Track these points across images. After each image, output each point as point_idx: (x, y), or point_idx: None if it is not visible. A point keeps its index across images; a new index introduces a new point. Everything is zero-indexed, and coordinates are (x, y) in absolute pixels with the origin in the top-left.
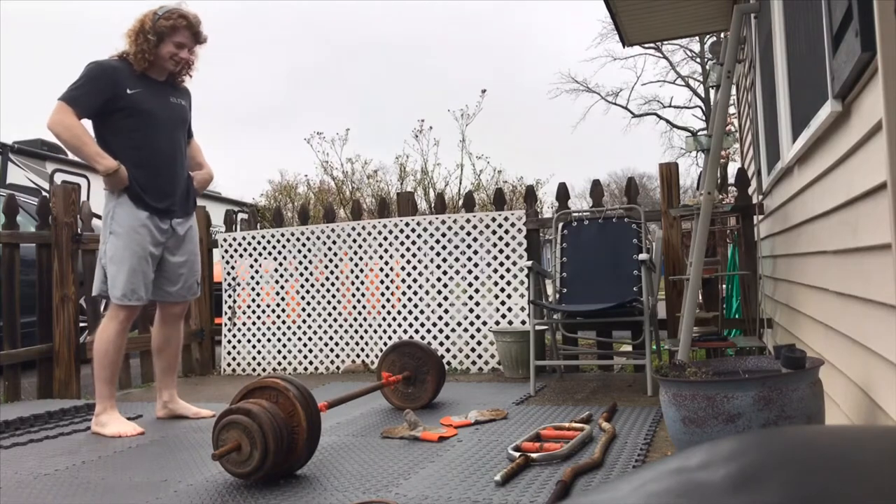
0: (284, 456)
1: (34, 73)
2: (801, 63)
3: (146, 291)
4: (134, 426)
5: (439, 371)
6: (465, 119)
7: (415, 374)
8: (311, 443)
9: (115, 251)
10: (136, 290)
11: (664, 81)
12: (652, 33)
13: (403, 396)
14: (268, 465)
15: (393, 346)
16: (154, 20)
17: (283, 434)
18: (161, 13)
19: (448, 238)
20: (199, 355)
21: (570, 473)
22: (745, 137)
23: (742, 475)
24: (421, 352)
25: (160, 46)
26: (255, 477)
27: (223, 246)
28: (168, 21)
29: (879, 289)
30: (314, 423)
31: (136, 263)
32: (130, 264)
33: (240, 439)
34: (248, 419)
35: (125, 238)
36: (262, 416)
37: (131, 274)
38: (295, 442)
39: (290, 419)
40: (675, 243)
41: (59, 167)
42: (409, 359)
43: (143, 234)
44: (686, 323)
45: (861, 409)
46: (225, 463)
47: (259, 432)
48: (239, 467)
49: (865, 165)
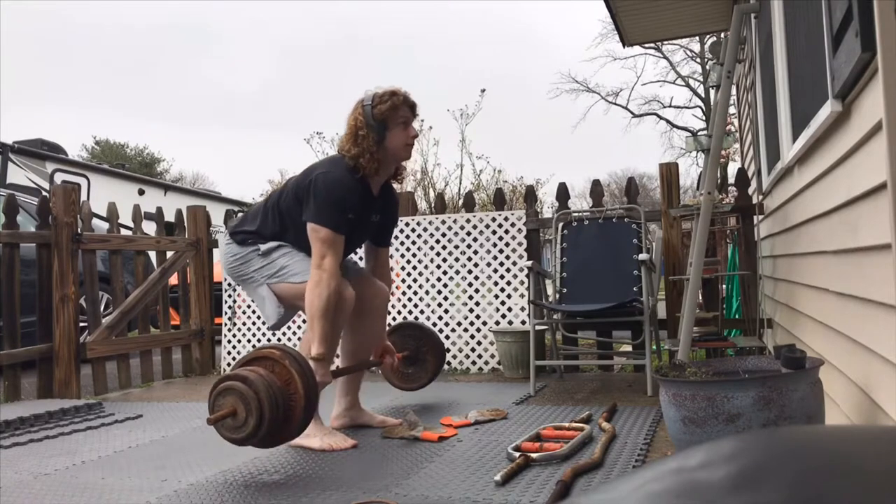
0: (280, 423)
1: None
2: (801, 63)
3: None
4: (344, 437)
5: (439, 352)
6: (465, 119)
7: (415, 354)
8: (308, 411)
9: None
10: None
11: (664, 81)
12: (652, 33)
13: (403, 376)
14: (263, 431)
15: (394, 328)
16: (369, 107)
17: (278, 401)
18: (370, 101)
19: (448, 238)
20: (199, 355)
21: (570, 473)
22: (745, 137)
23: (742, 475)
24: (421, 332)
25: (388, 137)
26: (251, 443)
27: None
28: (385, 103)
29: (879, 289)
30: (311, 392)
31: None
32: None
33: (235, 405)
34: (244, 385)
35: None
36: (258, 383)
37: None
38: (292, 410)
39: (287, 387)
40: (675, 243)
41: (59, 167)
42: (410, 339)
43: None
44: (686, 323)
45: (861, 409)
46: (220, 429)
47: (255, 399)
48: (234, 433)
49: (865, 165)
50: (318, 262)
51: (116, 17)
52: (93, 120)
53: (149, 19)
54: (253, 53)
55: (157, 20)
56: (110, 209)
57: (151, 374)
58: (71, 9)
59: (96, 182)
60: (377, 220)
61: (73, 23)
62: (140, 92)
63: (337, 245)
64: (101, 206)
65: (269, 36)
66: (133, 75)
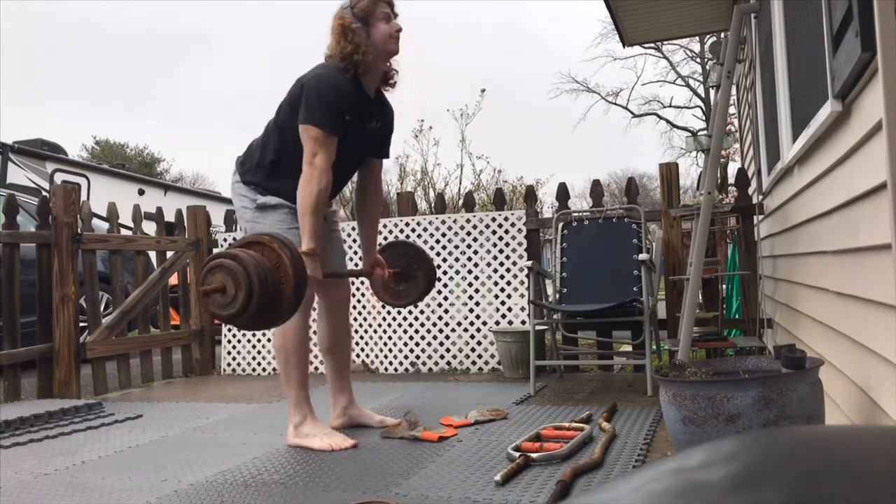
0: (270, 302)
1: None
2: (801, 63)
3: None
4: (344, 437)
5: (429, 270)
6: (465, 119)
7: (405, 271)
8: (297, 295)
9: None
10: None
11: (664, 81)
12: (652, 33)
13: (394, 293)
14: (252, 308)
15: (385, 247)
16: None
17: (268, 281)
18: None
19: (448, 238)
20: (199, 355)
21: (570, 473)
22: (745, 137)
23: (742, 475)
24: (412, 250)
25: (372, 33)
26: (240, 321)
27: (223, 246)
28: (364, 1)
29: (879, 289)
30: (300, 278)
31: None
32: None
33: (224, 282)
34: (234, 262)
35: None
36: (248, 261)
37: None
38: (281, 291)
39: (277, 270)
40: (675, 243)
41: (59, 167)
42: (400, 258)
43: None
44: (686, 323)
45: (861, 409)
46: (210, 306)
47: (244, 275)
48: (223, 309)
49: (865, 165)
50: (310, 159)
51: (117, 17)
52: (93, 120)
53: (149, 19)
54: (253, 53)
55: (158, 20)
56: (110, 209)
57: (151, 374)
58: (71, 9)
59: (96, 182)
60: (378, 127)
61: (73, 23)
62: (140, 92)
63: (328, 145)
64: (101, 206)
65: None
66: (133, 75)
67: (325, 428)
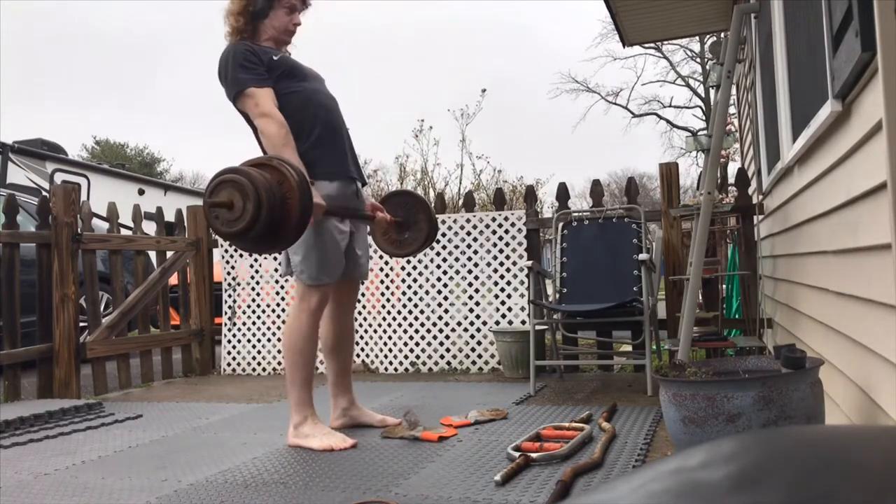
0: (277, 221)
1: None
2: (801, 63)
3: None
4: (344, 437)
5: (431, 218)
6: (465, 119)
7: (406, 220)
8: (302, 215)
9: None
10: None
11: (664, 81)
12: (652, 33)
13: (397, 243)
14: (260, 225)
15: (385, 197)
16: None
17: (275, 196)
18: None
19: (448, 238)
20: (199, 355)
21: (570, 473)
22: (745, 137)
23: (742, 475)
24: (413, 199)
25: (271, 18)
26: (245, 239)
27: (223, 246)
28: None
29: (879, 289)
30: (306, 195)
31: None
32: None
33: (232, 196)
34: (243, 178)
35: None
36: (256, 177)
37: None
38: (288, 209)
39: (281, 187)
40: (675, 243)
41: (59, 167)
42: (400, 207)
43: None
44: (686, 323)
45: (861, 409)
46: (216, 223)
47: (253, 191)
48: (229, 226)
49: (865, 165)
50: (255, 112)
51: (117, 17)
52: (93, 120)
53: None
54: None
55: (158, 20)
56: (110, 209)
57: (151, 374)
58: (71, 9)
59: (96, 182)
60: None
61: (73, 23)
62: (140, 92)
63: (262, 93)
64: (101, 206)
65: None
66: (133, 75)
67: (325, 428)
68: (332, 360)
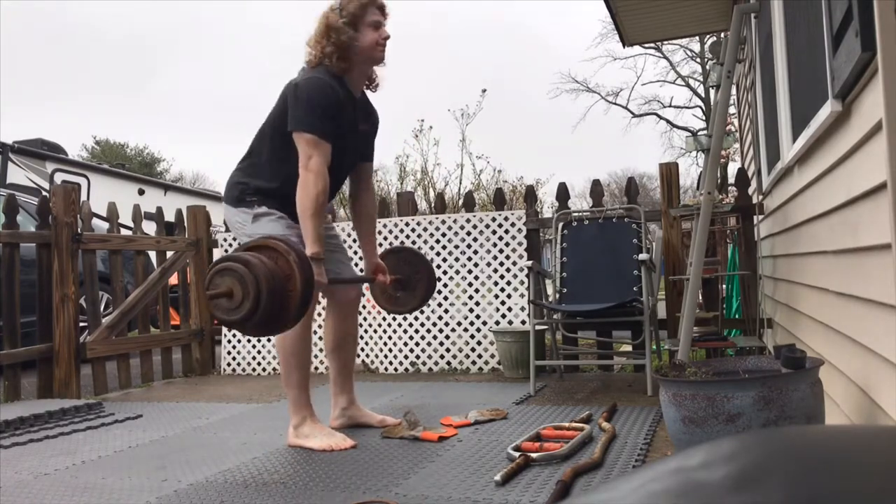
0: (277, 311)
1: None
2: (801, 63)
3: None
4: (344, 437)
5: (430, 280)
6: (465, 119)
7: (407, 279)
8: (304, 302)
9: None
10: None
11: (664, 81)
12: (652, 33)
13: (393, 300)
14: (258, 316)
15: (388, 251)
16: (338, 10)
17: (276, 288)
18: (338, 3)
19: (448, 238)
20: (199, 355)
21: (570, 473)
22: (745, 137)
23: (742, 475)
24: (416, 258)
25: (360, 41)
26: (242, 327)
27: (223, 246)
28: (353, 3)
29: (879, 289)
30: (308, 282)
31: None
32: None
33: (232, 286)
34: (243, 267)
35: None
36: (258, 267)
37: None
38: (288, 300)
39: (287, 281)
40: (675, 243)
41: (59, 167)
42: (404, 265)
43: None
44: (686, 323)
45: (861, 409)
46: (215, 309)
47: (253, 281)
48: (228, 314)
49: (865, 165)
50: (305, 163)
51: (117, 17)
52: (93, 120)
53: (149, 19)
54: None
55: (158, 20)
56: (110, 209)
57: (151, 374)
58: (71, 9)
59: (96, 182)
60: (366, 129)
61: (73, 23)
62: (140, 92)
63: (322, 148)
64: (101, 206)
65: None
66: (133, 75)
67: (324, 428)
68: (333, 360)
